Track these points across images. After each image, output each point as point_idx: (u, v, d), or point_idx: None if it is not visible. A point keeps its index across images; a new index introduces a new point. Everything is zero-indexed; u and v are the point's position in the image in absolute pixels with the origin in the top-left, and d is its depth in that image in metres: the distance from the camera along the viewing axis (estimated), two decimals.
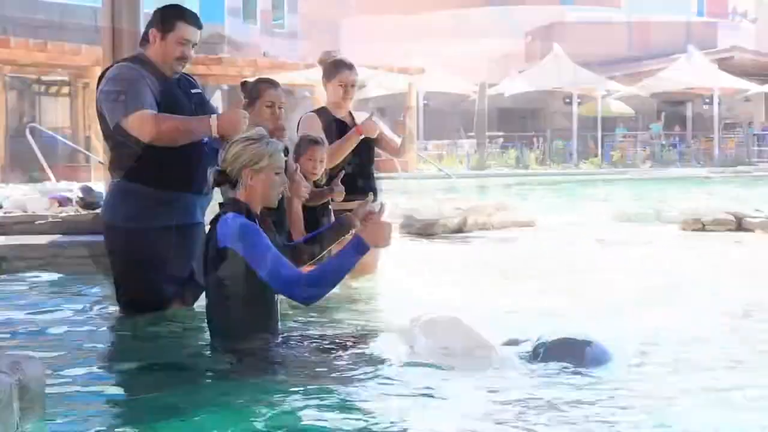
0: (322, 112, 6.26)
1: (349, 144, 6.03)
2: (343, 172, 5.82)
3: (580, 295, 5.95)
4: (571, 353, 4.02)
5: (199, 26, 5.04)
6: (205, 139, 5.02)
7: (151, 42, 4.98)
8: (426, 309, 5.19)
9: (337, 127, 6.12)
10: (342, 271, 3.97)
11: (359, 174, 6.06)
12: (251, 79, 5.47)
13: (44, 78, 27.88)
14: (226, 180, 4.17)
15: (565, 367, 3.90)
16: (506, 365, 3.95)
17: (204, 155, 4.98)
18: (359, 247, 3.97)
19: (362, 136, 6.04)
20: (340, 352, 4.10)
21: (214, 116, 4.78)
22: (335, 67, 6.15)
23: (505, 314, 5.19)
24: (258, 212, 4.17)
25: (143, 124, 4.78)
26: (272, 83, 5.40)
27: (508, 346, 4.20)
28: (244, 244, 3.98)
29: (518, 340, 4.26)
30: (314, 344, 4.24)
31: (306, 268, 4.25)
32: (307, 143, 5.75)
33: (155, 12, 5.09)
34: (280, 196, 4.36)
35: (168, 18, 4.98)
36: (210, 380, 3.88)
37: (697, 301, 5.67)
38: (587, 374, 3.83)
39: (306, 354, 4.09)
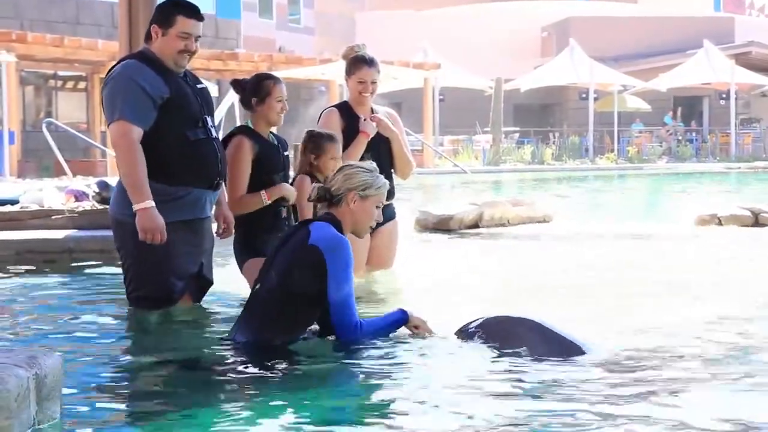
0: (342, 107, 6.15)
1: (358, 150, 5.93)
2: None
3: (588, 292, 5.93)
4: (504, 332, 4.12)
5: (200, 18, 5.01)
6: (215, 135, 5.04)
7: (153, 38, 4.97)
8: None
9: (357, 125, 6.01)
10: (383, 334, 4.21)
11: None
12: (246, 77, 5.48)
13: (61, 73, 27.95)
14: (328, 197, 4.24)
15: (491, 345, 4.03)
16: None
17: (214, 151, 4.99)
18: (401, 322, 4.24)
19: (369, 138, 5.95)
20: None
21: (147, 204, 4.72)
22: (354, 64, 6.04)
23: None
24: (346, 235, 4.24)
25: (120, 139, 4.80)
26: (277, 79, 5.43)
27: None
28: (336, 258, 4.07)
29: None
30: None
31: None
32: (327, 141, 5.62)
33: (156, 8, 5.09)
34: (369, 230, 4.44)
35: (167, 13, 4.98)
36: (228, 375, 3.87)
37: (707, 296, 5.64)
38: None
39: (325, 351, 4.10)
